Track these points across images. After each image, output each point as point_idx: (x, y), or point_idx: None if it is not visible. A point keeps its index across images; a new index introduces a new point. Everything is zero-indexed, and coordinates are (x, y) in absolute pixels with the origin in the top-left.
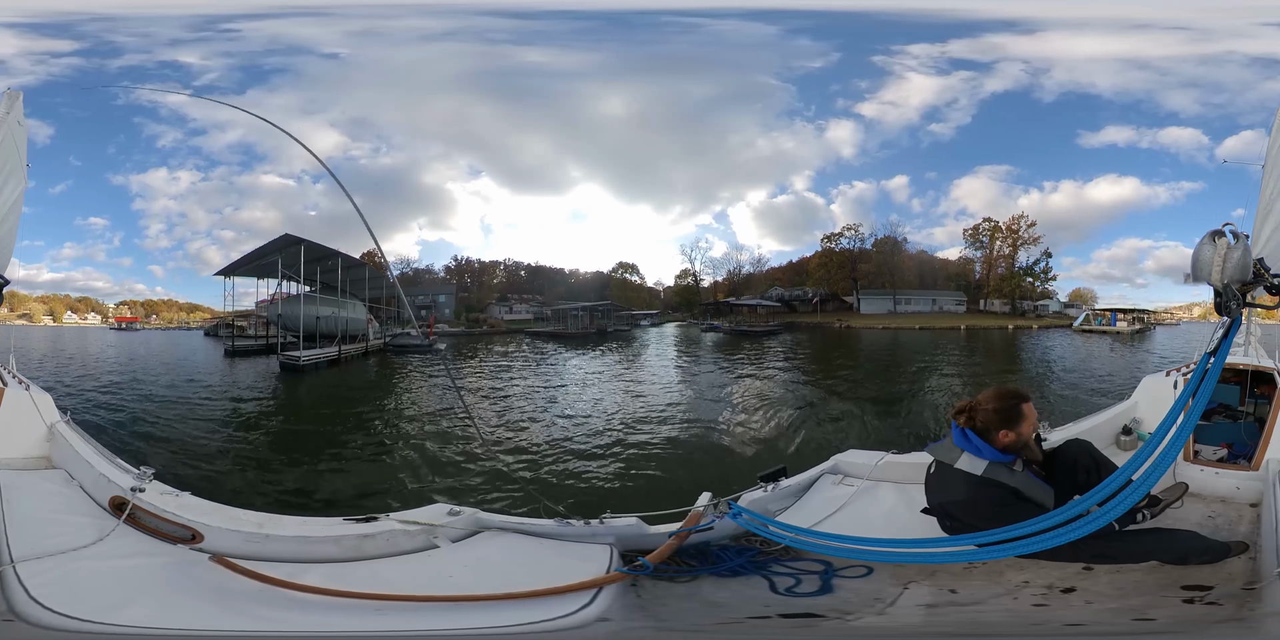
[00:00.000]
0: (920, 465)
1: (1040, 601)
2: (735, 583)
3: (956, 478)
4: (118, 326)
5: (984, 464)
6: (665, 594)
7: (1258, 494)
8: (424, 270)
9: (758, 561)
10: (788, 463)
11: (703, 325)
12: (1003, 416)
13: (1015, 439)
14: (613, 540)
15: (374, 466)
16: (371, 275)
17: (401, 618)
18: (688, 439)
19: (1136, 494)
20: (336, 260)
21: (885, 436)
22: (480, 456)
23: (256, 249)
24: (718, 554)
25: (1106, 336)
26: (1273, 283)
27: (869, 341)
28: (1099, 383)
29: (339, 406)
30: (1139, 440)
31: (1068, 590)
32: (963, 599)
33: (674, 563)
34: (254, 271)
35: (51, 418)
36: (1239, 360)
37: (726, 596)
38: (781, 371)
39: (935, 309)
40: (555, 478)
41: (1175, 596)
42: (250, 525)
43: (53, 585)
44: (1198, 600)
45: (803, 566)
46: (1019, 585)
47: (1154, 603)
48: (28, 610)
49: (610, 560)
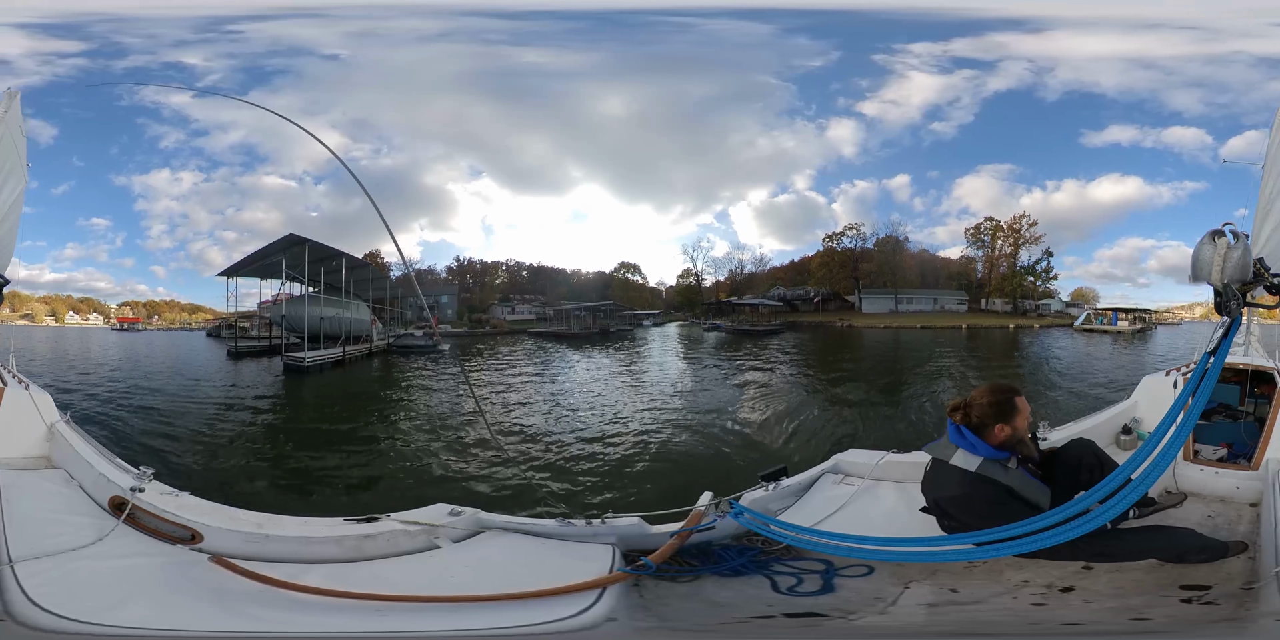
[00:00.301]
0: (920, 465)
1: (1039, 601)
2: (737, 582)
3: (951, 474)
4: (119, 327)
5: (978, 460)
6: (668, 594)
7: (1257, 494)
8: (426, 271)
9: (759, 561)
10: (790, 461)
11: (705, 325)
12: (996, 411)
13: (1010, 434)
14: (615, 540)
15: (380, 466)
16: (375, 276)
17: (403, 618)
18: (690, 438)
19: (1135, 493)
20: (341, 261)
21: (885, 432)
22: (490, 458)
23: (260, 249)
24: (720, 553)
25: (1107, 336)
26: (1273, 282)
27: (870, 340)
28: (1098, 378)
29: (344, 407)
30: (1139, 440)
31: (1066, 589)
32: (963, 598)
33: (676, 562)
34: (257, 272)
35: (51, 417)
36: (1239, 360)
37: (729, 596)
38: (783, 370)
39: (937, 308)
40: (561, 477)
41: (1174, 596)
42: (250, 525)
43: (50, 585)
44: (1196, 600)
45: (804, 566)
46: (1018, 584)
47: (1152, 602)
48: (23, 611)
49: (613, 560)
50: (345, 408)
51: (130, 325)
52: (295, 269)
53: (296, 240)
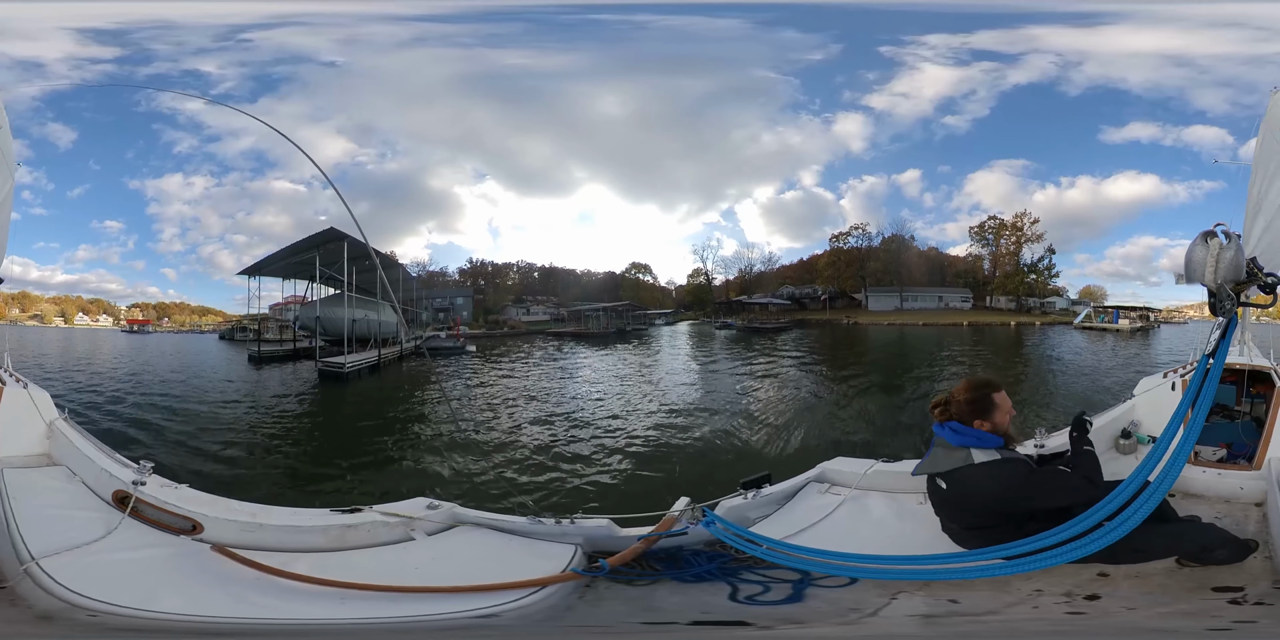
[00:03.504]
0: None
1: (1073, 610)
2: (696, 588)
3: (980, 473)
4: (129, 329)
5: (995, 451)
6: (615, 595)
7: (1261, 494)
8: (438, 273)
9: (728, 568)
10: (793, 463)
11: (716, 323)
12: (975, 407)
13: (991, 430)
14: (581, 540)
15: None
16: (404, 277)
17: (365, 606)
18: (707, 433)
19: (1157, 496)
20: (376, 259)
21: (885, 426)
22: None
23: (293, 244)
24: (687, 559)
25: (1107, 333)
26: (1266, 282)
27: (874, 337)
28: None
29: (404, 418)
30: (1138, 443)
31: (1091, 597)
32: (968, 609)
33: (640, 566)
34: (281, 271)
35: (50, 415)
36: (1235, 360)
37: (677, 602)
38: (791, 364)
39: (941, 306)
40: (586, 473)
41: (1216, 598)
42: (245, 515)
43: (82, 578)
44: (1243, 601)
45: (777, 574)
46: (1031, 593)
47: (1204, 607)
48: (78, 600)
49: (571, 560)
50: (404, 419)
51: (140, 327)
52: (333, 266)
53: (336, 235)
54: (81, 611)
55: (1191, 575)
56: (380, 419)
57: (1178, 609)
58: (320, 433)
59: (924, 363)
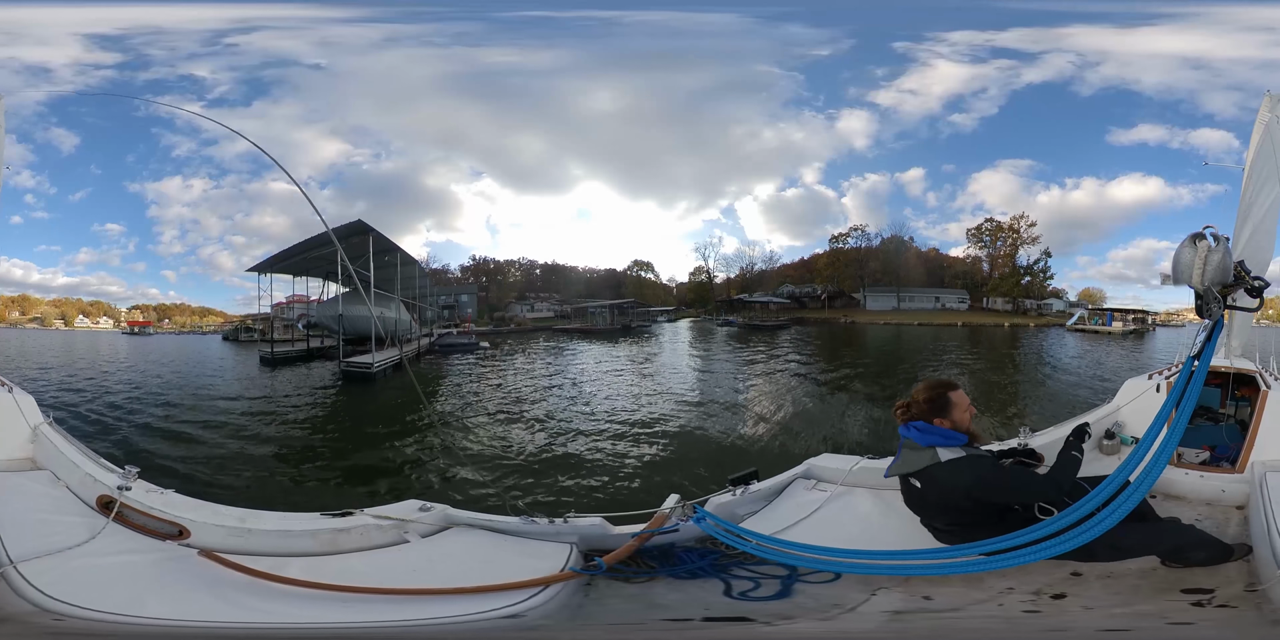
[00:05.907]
0: None
1: (1031, 608)
2: (691, 585)
3: (947, 469)
4: (130, 331)
5: (960, 448)
6: (615, 594)
7: (1243, 497)
8: (440, 270)
9: (720, 564)
10: (781, 458)
11: (718, 320)
12: (933, 407)
13: (953, 427)
14: (575, 539)
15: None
16: (420, 274)
17: (363, 609)
18: (710, 426)
19: (1137, 495)
20: (396, 255)
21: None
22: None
23: (311, 238)
24: (680, 556)
25: (1099, 336)
26: (1253, 285)
27: (870, 336)
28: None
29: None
30: (1122, 444)
31: (1058, 596)
32: (937, 606)
33: (635, 564)
34: (292, 268)
35: (35, 419)
36: (1220, 363)
37: (676, 599)
38: (788, 360)
39: (938, 306)
40: (599, 465)
41: (1181, 600)
42: (233, 520)
43: (60, 583)
44: (1207, 603)
45: (766, 570)
46: (1002, 591)
47: (1164, 607)
48: (53, 606)
49: (568, 559)
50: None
51: (141, 329)
52: (358, 262)
53: (362, 228)
54: (49, 615)
55: (1167, 577)
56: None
57: (1135, 610)
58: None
59: (918, 359)
